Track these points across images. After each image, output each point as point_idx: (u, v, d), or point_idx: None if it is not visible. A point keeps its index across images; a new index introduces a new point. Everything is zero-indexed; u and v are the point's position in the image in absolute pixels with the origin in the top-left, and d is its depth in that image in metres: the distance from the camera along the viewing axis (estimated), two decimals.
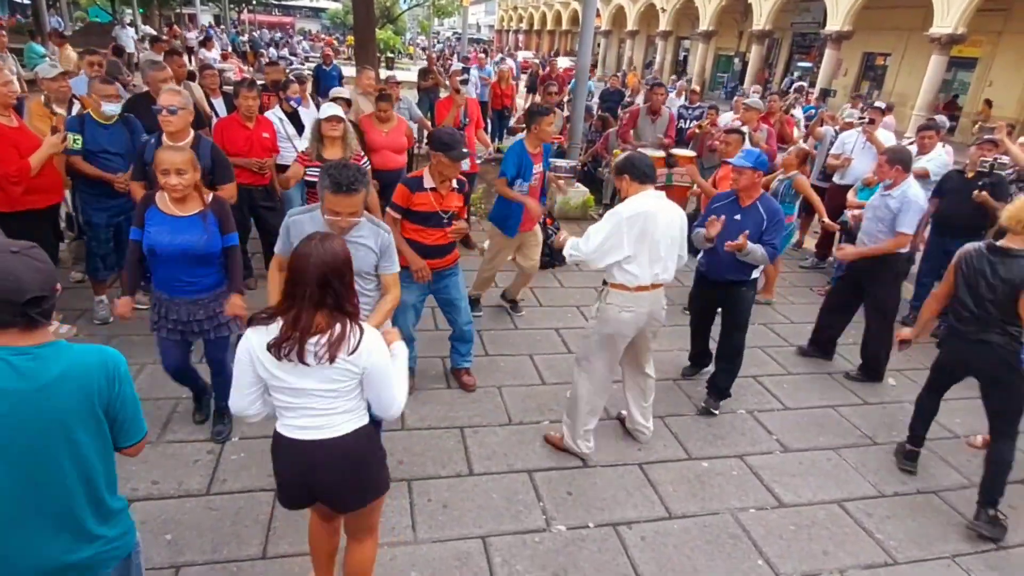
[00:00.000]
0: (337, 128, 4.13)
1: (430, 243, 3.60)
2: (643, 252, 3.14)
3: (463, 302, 3.94)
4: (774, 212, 3.83)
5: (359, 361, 1.90)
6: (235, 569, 2.63)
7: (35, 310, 1.47)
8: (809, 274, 6.88)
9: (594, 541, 2.97)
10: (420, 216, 3.54)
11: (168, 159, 2.76)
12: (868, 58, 23.50)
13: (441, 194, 3.54)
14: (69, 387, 1.52)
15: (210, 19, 34.05)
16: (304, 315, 1.84)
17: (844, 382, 4.65)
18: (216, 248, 2.97)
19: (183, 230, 2.86)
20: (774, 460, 3.69)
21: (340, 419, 1.99)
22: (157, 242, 2.84)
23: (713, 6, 26.78)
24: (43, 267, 1.50)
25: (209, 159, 3.72)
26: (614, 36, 39.12)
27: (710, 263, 4.02)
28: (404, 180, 3.64)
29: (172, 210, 2.87)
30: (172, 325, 3.02)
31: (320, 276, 1.84)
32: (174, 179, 2.76)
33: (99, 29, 21.46)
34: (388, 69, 18.04)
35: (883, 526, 3.23)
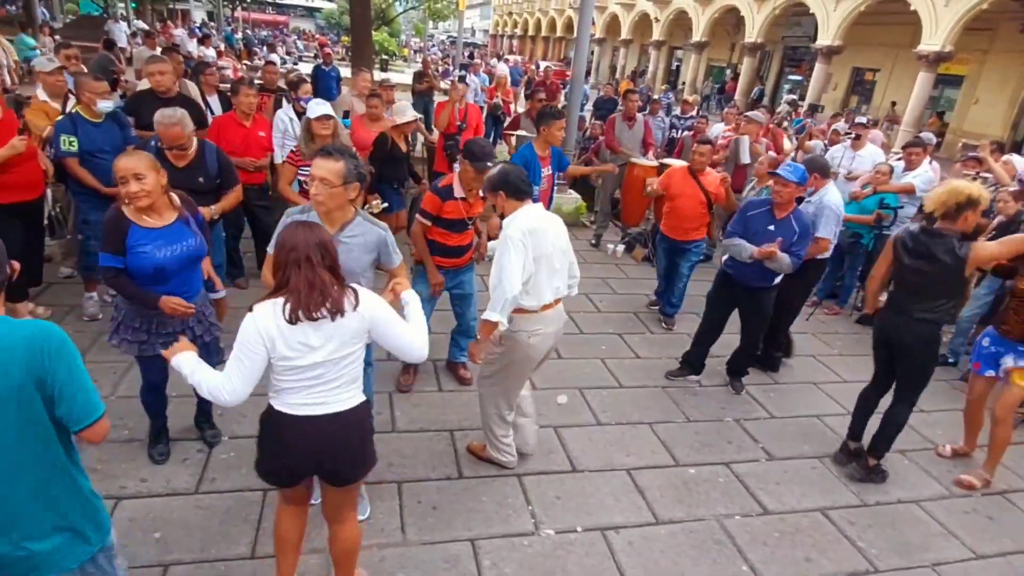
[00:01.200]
0: (328, 126, 4.16)
1: (452, 244, 3.74)
2: (541, 269, 3.00)
3: (474, 298, 4.06)
4: (805, 227, 4.05)
5: (365, 313, 2.04)
6: (223, 568, 2.63)
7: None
8: None
9: (582, 545, 2.99)
10: (448, 222, 3.67)
11: (124, 165, 2.53)
12: (857, 73, 23.85)
13: (470, 202, 3.67)
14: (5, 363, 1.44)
15: (203, 16, 33.89)
16: (315, 273, 1.95)
17: (829, 392, 4.72)
18: (205, 248, 2.89)
19: (172, 240, 2.69)
20: (759, 468, 3.74)
21: (347, 392, 2.11)
22: (166, 259, 2.66)
23: (706, 17, 27.07)
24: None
25: (216, 165, 3.76)
26: (608, 44, 39.37)
27: (737, 267, 4.17)
28: (434, 189, 3.70)
29: (153, 222, 2.66)
30: (164, 338, 2.75)
31: (318, 241, 1.98)
32: (134, 186, 2.52)
33: (90, 22, 21.28)
34: (382, 71, 18.02)
35: (865, 534, 3.29)
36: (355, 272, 2.59)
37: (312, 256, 1.95)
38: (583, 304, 5.77)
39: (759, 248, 3.89)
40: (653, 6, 31.02)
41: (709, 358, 4.72)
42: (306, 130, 4.21)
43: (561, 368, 4.59)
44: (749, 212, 4.17)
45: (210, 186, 3.75)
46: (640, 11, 32.74)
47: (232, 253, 5.17)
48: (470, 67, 14.20)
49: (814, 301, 6.21)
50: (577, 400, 4.21)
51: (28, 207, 4.02)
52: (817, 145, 7.43)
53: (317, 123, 4.14)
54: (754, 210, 4.16)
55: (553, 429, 3.85)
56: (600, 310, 5.71)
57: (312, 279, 1.94)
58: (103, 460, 3.10)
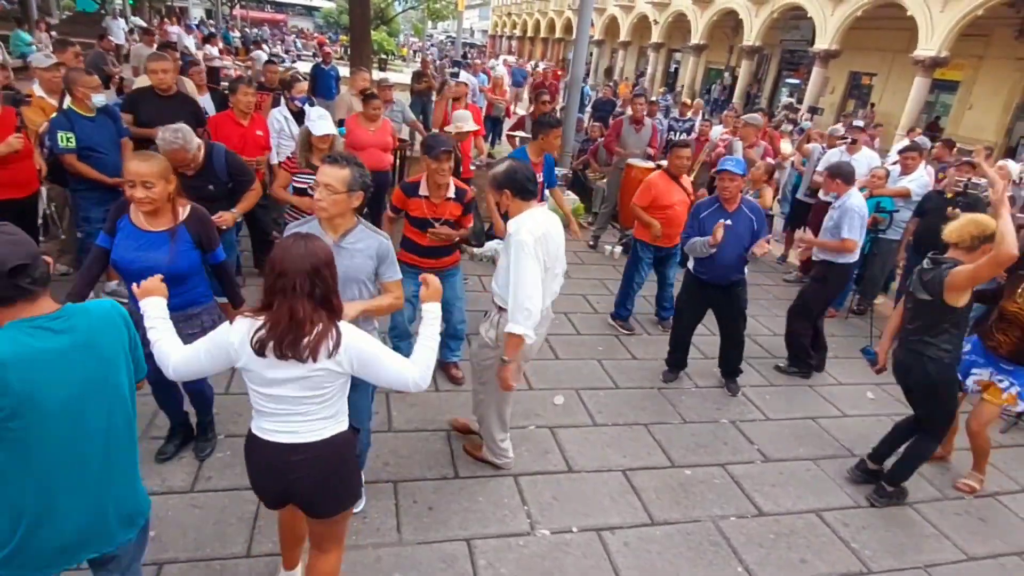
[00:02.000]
0: (326, 141, 4.12)
1: (424, 244, 3.71)
2: (547, 274, 2.95)
3: (459, 303, 4.04)
4: (757, 209, 4.26)
5: (343, 360, 1.90)
6: (218, 567, 2.63)
7: (24, 280, 1.50)
8: (792, 288, 6.96)
9: (578, 546, 3.00)
10: (413, 220, 3.67)
11: (135, 170, 2.50)
12: (854, 77, 23.92)
13: (433, 202, 3.62)
14: (108, 337, 1.68)
15: (201, 13, 33.82)
16: (299, 307, 1.83)
17: (824, 395, 4.74)
18: (183, 268, 2.68)
19: (148, 247, 2.62)
20: (755, 469, 3.75)
21: (318, 424, 1.98)
22: (120, 257, 2.61)
23: (705, 20, 27.14)
24: (18, 238, 1.53)
25: (226, 172, 3.71)
26: (606, 46, 39.43)
27: (711, 269, 4.21)
28: (402, 184, 3.74)
29: (142, 223, 2.64)
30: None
31: (311, 267, 1.84)
32: (140, 192, 2.49)
33: (86, 19, 21.19)
34: (381, 71, 18.00)
35: (859, 536, 3.30)
36: (357, 280, 2.58)
37: (301, 285, 1.82)
38: (580, 305, 5.78)
39: (756, 251, 4.04)
40: (652, 8, 31.09)
41: (703, 360, 4.73)
42: (305, 140, 4.16)
43: (558, 369, 4.60)
44: (701, 214, 4.26)
45: (221, 192, 3.69)
46: (639, 13, 32.80)
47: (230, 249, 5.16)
48: (469, 67, 14.20)
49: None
50: (573, 401, 4.22)
51: (22, 204, 4.01)
52: (816, 148, 7.44)
53: (318, 139, 4.11)
54: (705, 211, 4.25)
55: (549, 430, 3.85)
56: (597, 311, 5.72)
57: (294, 314, 1.82)
58: None
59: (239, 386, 3.87)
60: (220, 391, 3.78)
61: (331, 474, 2.03)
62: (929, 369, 3.31)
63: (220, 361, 1.96)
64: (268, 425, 1.98)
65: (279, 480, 2.02)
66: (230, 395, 3.77)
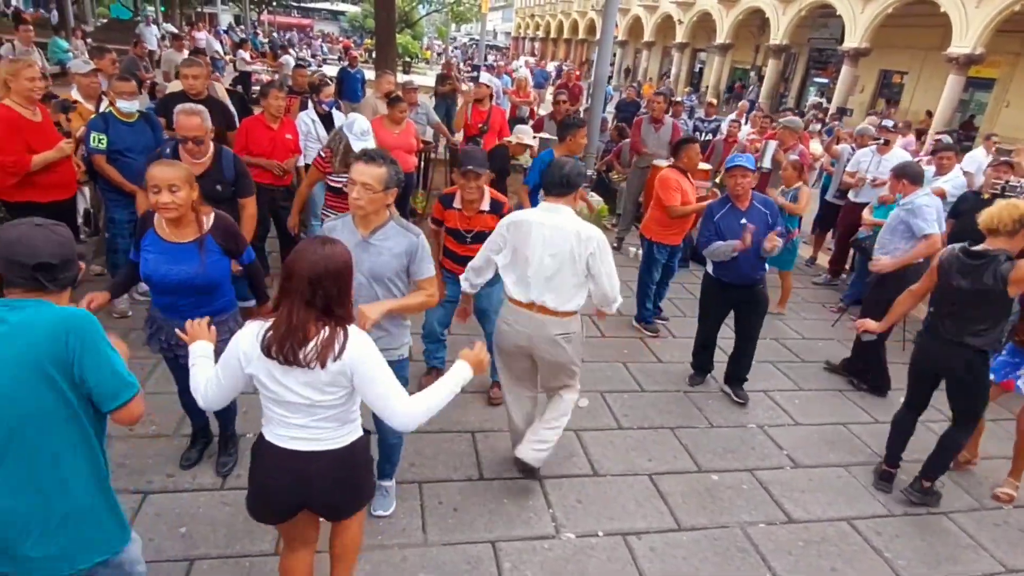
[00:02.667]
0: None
1: (460, 253, 3.71)
2: (515, 265, 3.00)
3: (496, 315, 3.88)
4: (769, 202, 4.27)
5: (344, 368, 1.84)
6: (247, 564, 2.66)
7: (46, 276, 1.55)
8: (821, 290, 6.87)
9: (603, 550, 2.98)
10: (449, 230, 3.72)
11: (160, 175, 2.44)
12: (885, 76, 23.47)
13: (466, 215, 3.62)
14: (16, 343, 1.53)
15: (230, 19, 34.45)
16: (295, 313, 1.80)
17: (855, 399, 4.64)
18: (216, 278, 2.68)
19: (179, 259, 2.58)
20: (784, 475, 3.69)
21: (336, 432, 1.96)
22: (153, 271, 2.59)
23: (730, 19, 26.85)
24: (62, 239, 1.58)
25: (233, 171, 3.70)
26: (630, 46, 39.23)
27: (733, 271, 4.15)
28: (441, 196, 3.78)
29: (168, 235, 2.59)
30: (164, 344, 2.78)
31: (313, 275, 1.79)
32: (166, 196, 2.43)
33: (120, 26, 21.74)
34: (405, 73, 18.15)
35: (892, 545, 3.22)
36: (384, 278, 2.58)
37: (301, 291, 1.79)
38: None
39: (737, 241, 3.93)
40: (676, 8, 30.86)
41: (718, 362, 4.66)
42: (344, 155, 4.16)
43: (583, 371, 4.56)
44: (716, 216, 4.17)
45: (227, 193, 3.69)
46: (663, 13, 32.59)
47: (258, 252, 5.24)
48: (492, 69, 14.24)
49: (840, 307, 6.13)
50: (598, 404, 4.19)
51: (63, 206, 4.13)
52: (845, 149, 7.30)
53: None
54: (719, 212, 4.18)
55: (574, 432, 3.84)
56: (621, 313, 5.65)
57: (291, 319, 1.79)
58: (130, 455, 3.16)
59: None
60: (249, 391, 3.83)
61: (349, 477, 2.03)
62: (975, 361, 3.25)
63: (234, 374, 1.92)
64: (281, 431, 1.95)
65: (298, 488, 1.97)
66: (258, 393, 3.82)
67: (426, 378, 4.09)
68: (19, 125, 3.76)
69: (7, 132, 3.72)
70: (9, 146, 3.73)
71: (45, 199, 3.96)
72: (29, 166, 3.78)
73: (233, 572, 2.61)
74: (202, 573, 2.59)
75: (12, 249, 1.54)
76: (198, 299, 2.67)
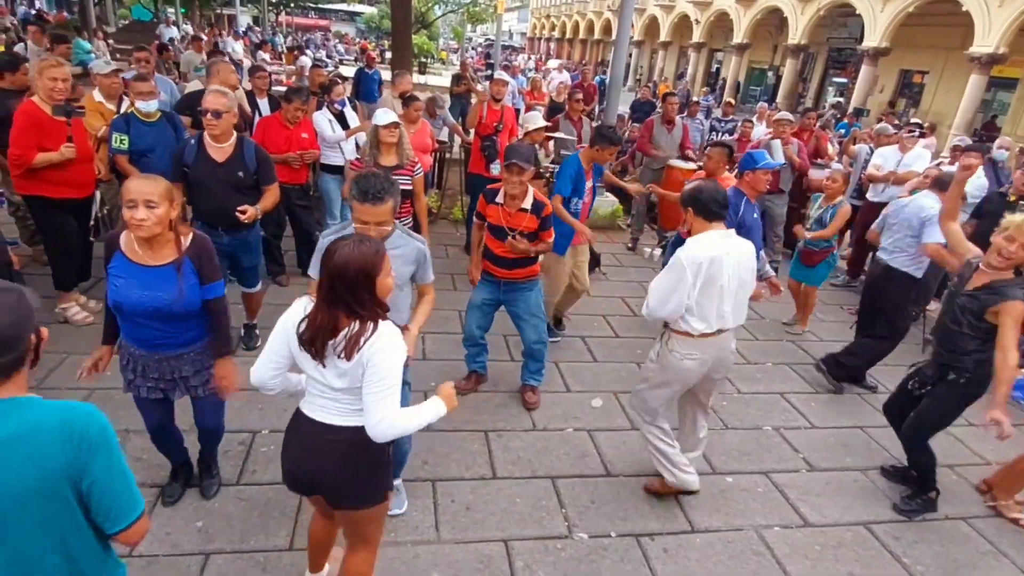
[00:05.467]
0: (394, 134, 4.24)
1: (498, 252, 3.70)
2: (709, 301, 2.86)
3: (532, 319, 3.85)
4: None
5: (363, 360, 1.87)
6: (262, 559, 2.68)
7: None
8: (840, 292, 6.79)
9: (616, 551, 2.96)
10: (491, 227, 3.69)
11: (136, 188, 2.19)
12: (905, 75, 23.16)
13: (508, 211, 3.60)
14: (13, 458, 1.23)
15: (248, 20, 34.81)
16: (320, 312, 1.88)
17: (873, 402, 4.57)
18: (195, 303, 2.41)
19: (153, 284, 2.31)
20: (800, 478, 3.65)
21: (354, 414, 1.99)
22: (124, 299, 2.30)
23: (748, 19, 26.66)
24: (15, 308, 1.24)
25: (255, 160, 3.76)
26: (646, 46, 39.07)
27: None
28: (486, 190, 3.76)
29: (141, 257, 2.31)
30: (152, 383, 2.51)
31: (337, 275, 1.84)
32: (141, 212, 2.18)
33: (141, 27, 22.07)
34: (421, 74, 18.20)
35: (910, 550, 3.18)
36: (397, 286, 2.61)
37: (329, 293, 1.87)
38: (619, 307, 5.74)
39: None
40: (693, 8, 30.68)
41: (746, 365, 4.63)
42: (373, 136, 4.27)
43: (596, 371, 4.56)
44: (743, 213, 4.07)
45: (249, 180, 3.77)
46: (680, 13, 32.42)
47: (274, 251, 5.30)
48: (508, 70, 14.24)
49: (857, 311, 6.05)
50: (612, 404, 4.18)
51: (79, 204, 4.20)
52: (863, 149, 7.21)
53: (384, 130, 4.21)
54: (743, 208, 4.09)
55: (587, 432, 3.83)
56: (636, 313, 5.65)
57: (324, 318, 1.87)
58: (147, 450, 3.18)
59: None
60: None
61: (357, 462, 2.03)
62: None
63: (280, 341, 2.03)
64: (311, 402, 2.05)
65: (311, 458, 2.04)
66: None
67: (464, 382, 4.09)
68: (38, 122, 3.82)
69: (24, 126, 3.78)
70: (20, 139, 3.79)
71: (57, 195, 4.03)
72: (31, 162, 3.83)
73: (248, 566, 2.64)
74: (217, 567, 2.62)
75: None
76: (173, 327, 2.42)
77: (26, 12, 19.97)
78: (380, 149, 4.26)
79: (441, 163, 8.07)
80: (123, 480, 1.37)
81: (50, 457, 1.26)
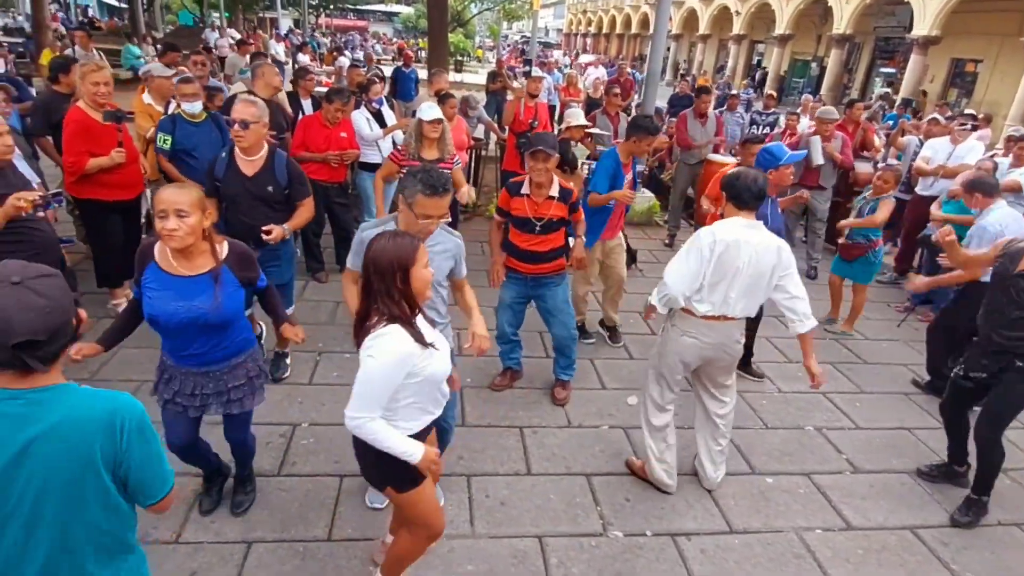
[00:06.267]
0: (437, 129, 4.29)
1: (523, 247, 3.66)
2: (719, 283, 2.88)
3: (562, 315, 3.84)
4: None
5: (361, 352, 1.96)
6: (301, 548, 2.75)
7: (30, 355, 1.25)
8: (887, 289, 6.57)
9: (651, 550, 2.94)
10: (516, 220, 3.64)
11: (167, 198, 2.17)
12: (957, 64, 22.19)
13: (535, 201, 3.58)
14: (60, 444, 1.30)
15: (290, 23, 35.53)
16: (364, 302, 2.01)
17: (922, 403, 4.42)
18: (231, 313, 2.39)
19: (189, 294, 2.28)
20: (844, 480, 3.55)
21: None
22: (159, 311, 2.26)
23: (791, 9, 25.94)
24: (41, 304, 1.26)
25: (286, 175, 3.55)
26: (684, 40, 38.44)
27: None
28: (507, 184, 3.73)
29: (176, 268, 2.29)
30: (170, 395, 2.48)
31: (372, 265, 1.95)
32: (172, 222, 2.15)
33: (188, 32, 22.77)
34: (457, 72, 18.31)
35: (959, 557, 3.06)
36: (437, 281, 2.65)
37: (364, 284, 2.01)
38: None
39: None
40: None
41: (787, 363, 4.50)
42: (416, 130, 4.33)
43: (631, 369, 4.52)
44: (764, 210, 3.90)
45: (279, 196, 3.54)
46: (719, 5, 31.76)
47: (313, 248, 5.42)
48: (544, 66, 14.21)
49: (907, 307, 5.86)
50: None
51: (128, 205, 4.36)
52: (912, 141, 6.96)
53: (428, 125, 4.26)
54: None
55: (623, 430, 3.80)
56: None
57: (359, 309, 2.03)
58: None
59: (323, 376, 4.04)
60: (304, 381, 3.96)
61: (362, 445, 2.08)
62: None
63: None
64: None
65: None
66: (313, 385, 3.94)
67: (500, 379, 4.11)
68: (86, 127, 3.97)
69: (74, 133, 3.94)
70: (73, 146, 3.95)
71: (110, 198, 4.21)
72: (84, 168, 3.98)
73: (288, 555, 2.70)
74: (259, 556, 2.69)
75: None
76: (213, 339, 2.40)
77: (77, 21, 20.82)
78: (423, 143, 4.30)
79: (477, 160, 8.11)
80: (157, 462, 1.47)
81: (94, 444, 1.33)
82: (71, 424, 1.31)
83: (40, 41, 13.32)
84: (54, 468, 1.30)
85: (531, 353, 4.46)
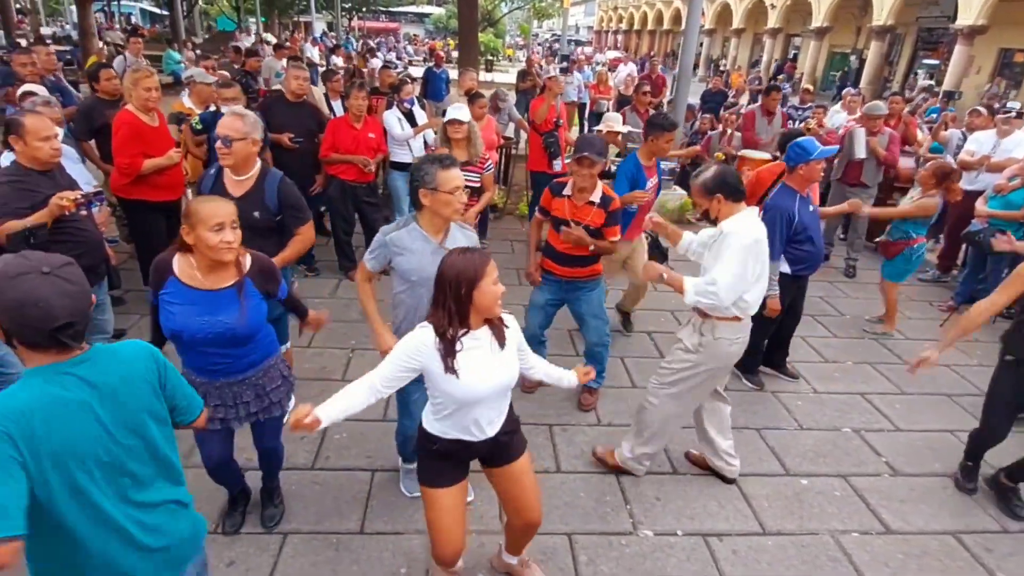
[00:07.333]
0: (460, 131, 4.31)
1: (560, 249, 3.62)
2: (760, 279, 2.90)
3: (594, 321, 3.77)
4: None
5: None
6: (335, 540, 2.80)
7: (65, 334, 1.42)
8: (929, 288, 6.37)
9: (682, 550, 2.91)
10: (556, 221, 3.61)
11: (221, 211, 2.14)
12: (1004, 55, 21.36)
13: (575, 203, 3.53)
14: (137, 383, 1.56)
15: (323, 26, 36.13)
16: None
17: (965, 405, 4.28)
18: (257, 324, 2.35)
19: (215, 308, 2.22)
20: (882, 483, 3.46)
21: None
22: (184, 327, 2.20)
23: (828, 1, 25.32)
24: (73, 289, 1.43)
25: (276, 200, 3.10)
26: (718, 34, 37.85)
27: (814, 259, 4.04)
28: (551, 184, 3.70)
29: (200, 282, 2.21)
30: (210, 413, 2.30)
31: (439, 279, 2.03)
32: (230, 233, 2.14)
33: (225, 37, 23.34)
34: (488, 71, 18.36)
35: (1005, 564, 2.95)
36: None
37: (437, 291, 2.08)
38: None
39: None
40: None
41: (823, 363, 4.40)
42: (443, 132, 4.39)
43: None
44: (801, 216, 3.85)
45: (268, 222, 3.10)
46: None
47: (344, 247, 5.54)
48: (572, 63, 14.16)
49: (951, 306, 5.68)
50: None
51: (171, 205, 4.50)
52: (954, 134, 6.73)
53: (450, 127, 4.31)
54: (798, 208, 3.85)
55: None
56: None
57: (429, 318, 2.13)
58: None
59: (355, 373, 4.10)
60: (337, 377, 4.04)
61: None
62: None
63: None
64: None
65: None
66: (346, 381, 3.97)
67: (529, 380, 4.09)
68: (138, 129, 4.12)
69: (127, 136, 4.08)
70: (127, 148, 4.09)
71: (155, 198, 4.35)
72: (140, 169, 4.13)
73: (322, 547, 2.76)
74: (294, 546, 2.75)
75: (23, 313, 1.37)
76: (236, 351, 2.35)
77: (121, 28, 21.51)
78: (450, 144, 4.33)
79: (507, 159, 8.12)
80: (186, 383, 1.76)
81: (152, 377, 1.61)
82: (133, 370, 1.56)
83: (87, 48, 13.80)
84: (142, 404, 1.56)
85: (561, 352, 4.45)
